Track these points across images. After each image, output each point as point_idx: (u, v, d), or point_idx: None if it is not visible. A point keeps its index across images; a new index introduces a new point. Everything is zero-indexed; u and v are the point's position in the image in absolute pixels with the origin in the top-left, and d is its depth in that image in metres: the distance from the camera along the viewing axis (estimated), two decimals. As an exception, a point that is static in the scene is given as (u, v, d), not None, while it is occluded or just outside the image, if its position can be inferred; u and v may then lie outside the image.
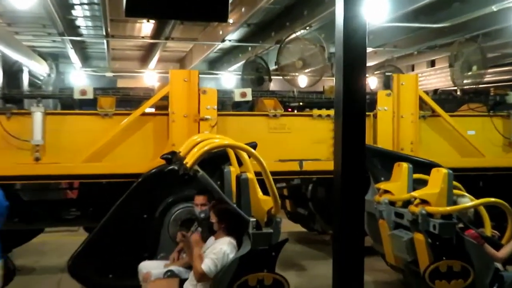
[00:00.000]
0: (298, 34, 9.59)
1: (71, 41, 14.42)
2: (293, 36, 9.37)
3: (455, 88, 9.71)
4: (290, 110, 9.61)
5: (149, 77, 19.23)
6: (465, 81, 9.37)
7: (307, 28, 11.47)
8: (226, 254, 5.23)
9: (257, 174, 5.54)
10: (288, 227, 9.80)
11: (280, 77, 9.26)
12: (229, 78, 19.35)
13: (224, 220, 5.46)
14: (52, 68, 12.76)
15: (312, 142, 7.80)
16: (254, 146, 6.40)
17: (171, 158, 5.57)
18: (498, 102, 8.82)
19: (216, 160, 6.39)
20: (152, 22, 13.86)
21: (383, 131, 7.97)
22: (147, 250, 6.53)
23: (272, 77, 9.95)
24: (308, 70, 8.97)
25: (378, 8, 10.02)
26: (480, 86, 9.46)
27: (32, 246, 8.59)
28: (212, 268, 5.15)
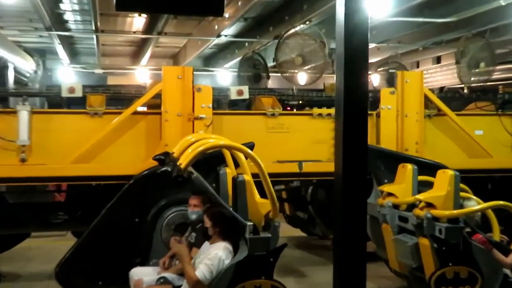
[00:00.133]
0: (297, 29, 9.60)
1: (58, 36, 14.39)
2: (292, 31, 9.37)
3: (462, 85, 9.74)
4: (289, 108, 9.62)
5: (141, 74, 19.21)
6: (472, 78, 9.40)
7: (307, 22, 11.48)
8: (221, 260, 5.23)
9: (254, 176, 5.54)
10: (287, 231, 9.82)
11: (279, 74, 9.28)
12: (225, 75, 19.34)
13: (218, 224, 5.46)
14: (39, 64, 12.72)
15: (312, 142, 7.82)
16: (251, 146, 6.40)
17: (164, 159, 5.57)
18: (506, 100, 8.85)
19: (211, 161, 6.40)
20: (144, 16, 13.83)
21: (386, 131, 7.99)
22: (139, 256, 6.53)
23: (270, 74, 9.98)
24: (308, 67, 8.99)
25: (381, 1, 10.04)
26: (488, 83, 9.49)
27: (18, 251, 8.58)
28: (207, 275, 5.15)
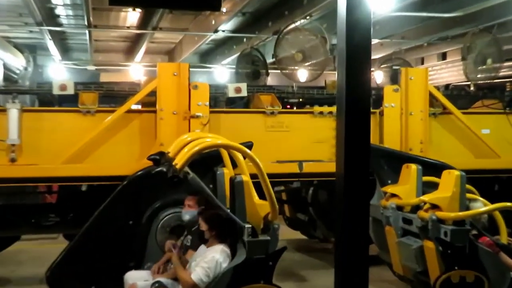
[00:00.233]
0: (297, 24, 9.63)
1: (50, 31, 14.38)
2: (292, 26, 9.38)
3: (468, 83, 9.74)
4: (289, 106, 9.62)
5: (135, 70, 19.21)
6: (479, 75, 9.41)
7: (308, 17, 11.48)
8: (219, 263, 5.24)
9: (252, 176, 5.54)
10: (286, 234, 9.82)
11: (278, 71, 9.27)
12: (222, 72, 19.35)
13: (214, 227, 5.47)
14: (29, 61, 12.70)
15: (312, 142, 7.82)
16: (249, 146, 6.41)
17: (159, 159, 5.57)
18: (515, 98, 8.86)
19: (208, 161, 6.41)
20: (138, 11, 13.83)
21: (390, 130, 8.00)
22: (133, 259, 6.53)
23: (269, 71, 9.96)
24: (308, 63, 8.98)
25: (384, -5, 10.05)
26: (496, 80, 9.49)
27: (8, 255, 8.58)
28: (203, 278, 5.16)
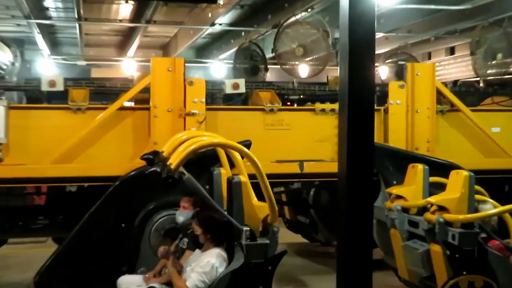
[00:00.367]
0: (298, 17, 9.61)
1: (38, 24, 14.39)
2: (292, 19, 9.38)
3: (478, 79, 9.75)
4: (289, 104, 9.63)
5: (127, 66, 19.19)
6: (488, 71, 9.41)
7: (309, 10, 11.50)
8: (215, 268, 5.25)
9: (251, 177, 5.55)
10: (286, 237, 9.83)
11: (278, 66, 9.28)
12: (219, 67, 19.35)
13: (209, 230, 5.48)
14: (17, 55, 12.68)
15: (314, 141, 7.83)
16: (248, 145, 6.42)
17: (153, 158, 5.58)
18: (526, 95, 8.87)
19: (204, 161, 6.41)
20: (131, 3, 13.85)
21: (395, 128, 8.01)
22: (126, 264, 6.53)
23: (268, 66, 9.96)
24: (309, 58, 8.99)
25: (389, -13, 10.06)
26: (506, 76, 9.49)
27: (-6, 259, 8.58)
28: (199, 285, 5.17)
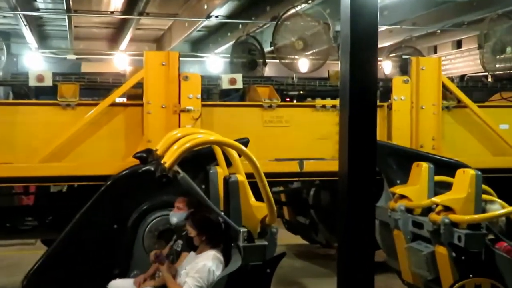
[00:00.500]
0: (298, 9, 9.61)
1: (25, 16, 14.37)
2: (292, 11, 9.38)
3: (486, 73, 9.77)
4: (288, 99, 9.64)
5: (119, 60, 19.15)
6: (497, 65, 9.42)
7: (309, 1, 11.51)
8: (211, 271, 5.27)
9: (248, 176, 5.57)
10: (286, 238, 9.86)
11: (277, 60, 9.29)
12: (215, 62, 19.34)
13: (204, 232, 5.50)
14: (3, 49, 12.71)
15: (314, 138, 7.84)
16: (245, 142, 6.44)
17: (146, 157, 5.60)
18: (536, 90, 8.89)
19: (200, 159, 6.43)
20: (123, -6, 13.86)
21: (399, 125, 8.02)
22: (118, 267, 6.54)
23: (267, 60, 9.98)
24: (310, 52, 9.00)
25: (393, -22, 10.07)
26: (515, 71, 9.52)
27: (-20, 262, 8.59)
28: (196, 290, 5.21)
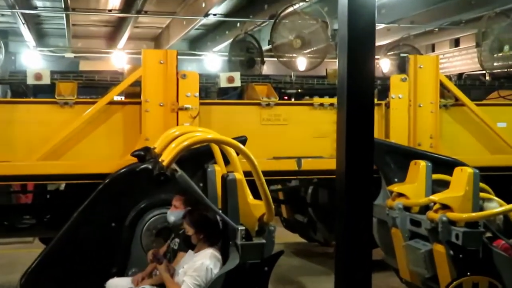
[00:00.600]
0: (296, 7, 9.61)
1: (23, 15, 14.37)
2: (290, 9, 9.39)
3: (483, 72, 9.77)
4: (286, 98, 9.64)
5: (117, 58, 19.19)
6: (495, 63, 9.43)
7: (307, 0, 11.51)
8: (209, 270, 5.27)
9: (246, 174, 5.57)
10: (284, 237, 9.87)
11: (275, 58, 9.29)
12: (213, 60, 19.37)
13: (202, 230, 5.50)
14: (1, 47, 12.72)
15: (312, 137, 7.84)
16: (243, 141, 6.43)
17: (144, 155, 5.60)
18: (534, 88, 8.89)
19: (198, 157, 6.43)
20: (121, -8, 13.86)
21: (397, 123, 8.02)
22: (116, 265, 6.54)
23: (265, 58, 9.98)
24: (308, 50, 9.00)
25: (391, -24, 10.08)
26: (513, 69, 9.54)
27: (-22, 261, 8.59)
28: (194, 289, 5.21)
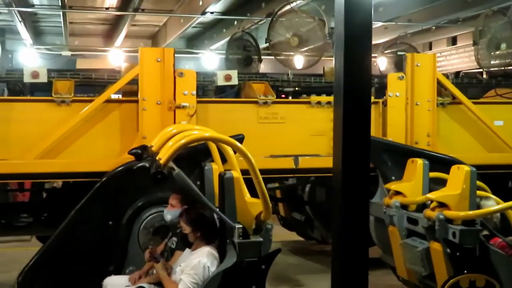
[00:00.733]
0: (293, 5, 9.61)
1: (20, 13, 14.35)
2: (287, 7, 9.39)
3: (481, 70, 9.78)
4: (283, 96, 9.65)
5: (114, 56, 19.18)
6: (492, 61, 9.43)
7: (304, -2, 11.50)
8: (206, 268, 5.28)
9: (244, 172, 5.58)
10: (281, 235, 9.88)
11: (272, 57, 9.29)
12: (211, 58, 19.36)
13: (199, 228, 5.51)
14: (-3, 45, 12.74)
15: (309, 135, 7.84)
16: (240, 139, 6.44)
17: (141, 153, 5.60)
18: (531, 87, 8.91)
19: (195, 156, 6.43)
20: (118, -10, 13.85)
21: (394, 121, 8.02)
22: (113, 263, 6.55)
23: (262, 57, 9.98)
24: (305, 48, 9.00)
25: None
26: (510, 67, 9.53)
27: (-25, 259, 8.58)
28: (192, 287, 5.20)
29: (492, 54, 9.36)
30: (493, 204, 6.45)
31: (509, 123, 8.52)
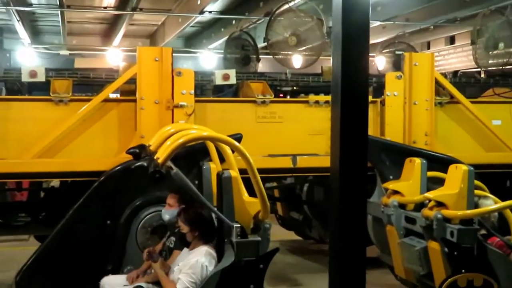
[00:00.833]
0: (291, 4, 9.61)
1: (18, 12, 14.33)
2: (285, 7, 9.38)
3: (479, 69, 9.79)
4: (281, 95, 9.65)
5: (112, 55, 19.15)
6: (490, 61, 9.44)
7: (302, -3, 11.49)
8: (204, 267, 5.29)
9: (242, 171, 5.58)
10: (279, 234, 9.88)
11: (270, 56, 9.30)
12: (209, 57, 19.34)
13: (197, 228, 5.51)
14: (-4, 45, 12.72)
15: (308, 134, 7.85)
16: (238, 138, 6.44)
17: (139, 152, 5.59)
18: (528, 86, 8.91)
19: (193, 155, 6.44)
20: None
21: (392, 121, 8.04)
22: (111, 263, 6.55)
23: (260, 56, 9.98)
24: (303, 48, 9.00)
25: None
26: (508, 67, 9.54)
27: (-27, 258, 8.58)
28: (190, 286, 5.21)
29: (490, 53, 9.37)
30: (491, 203, 6.47)
31: (507, 122, 8.53)
